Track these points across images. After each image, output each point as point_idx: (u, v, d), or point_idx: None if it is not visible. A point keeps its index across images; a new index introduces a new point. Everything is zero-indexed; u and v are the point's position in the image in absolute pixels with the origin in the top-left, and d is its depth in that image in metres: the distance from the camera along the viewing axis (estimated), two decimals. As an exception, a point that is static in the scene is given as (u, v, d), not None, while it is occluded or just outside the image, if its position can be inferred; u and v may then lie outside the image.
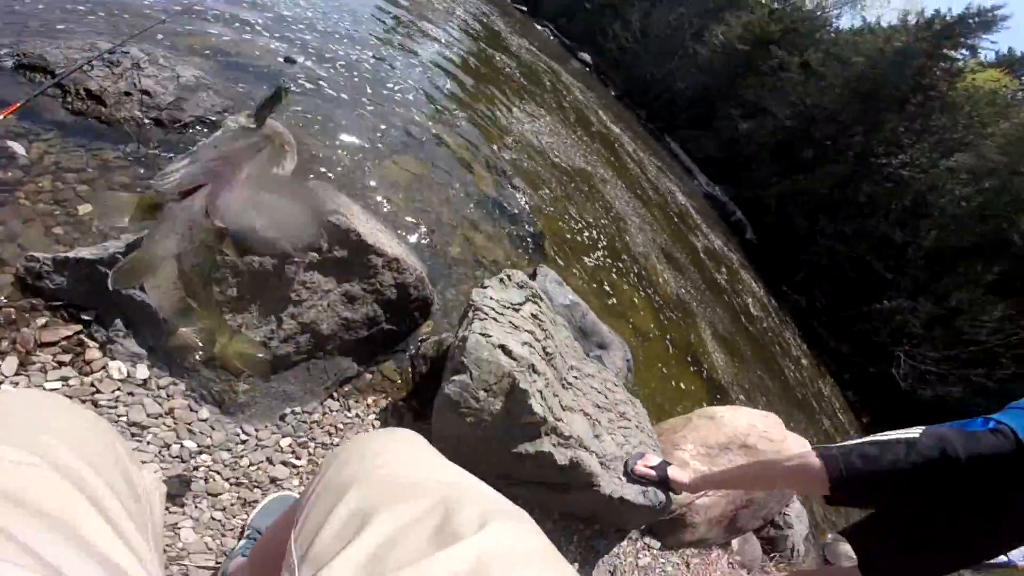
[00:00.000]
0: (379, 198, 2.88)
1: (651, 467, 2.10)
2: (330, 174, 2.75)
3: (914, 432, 1.38)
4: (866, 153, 17.33)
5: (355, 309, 1.79)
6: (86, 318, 1.44)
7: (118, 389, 1.39)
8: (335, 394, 1.81)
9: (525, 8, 30.08)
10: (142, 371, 1.46)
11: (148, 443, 1.35)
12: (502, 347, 1.63)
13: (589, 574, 2.16)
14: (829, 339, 16.29)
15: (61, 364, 1.34)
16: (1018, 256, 15.71)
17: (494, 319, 1.71)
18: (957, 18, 18.76)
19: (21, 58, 2.15)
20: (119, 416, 1.35)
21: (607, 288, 4.57)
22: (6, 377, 1.25)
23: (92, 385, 1.36)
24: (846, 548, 5.24)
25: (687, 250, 8.74)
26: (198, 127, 2.40)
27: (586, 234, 5.07)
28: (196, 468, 1.39)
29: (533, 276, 2.91)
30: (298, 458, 1.58)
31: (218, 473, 1.42)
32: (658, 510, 2.16)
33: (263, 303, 1.60)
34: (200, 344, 1.04)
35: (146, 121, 2.24)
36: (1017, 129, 16.75)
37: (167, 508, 1.29)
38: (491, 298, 1.81)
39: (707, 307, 7.07)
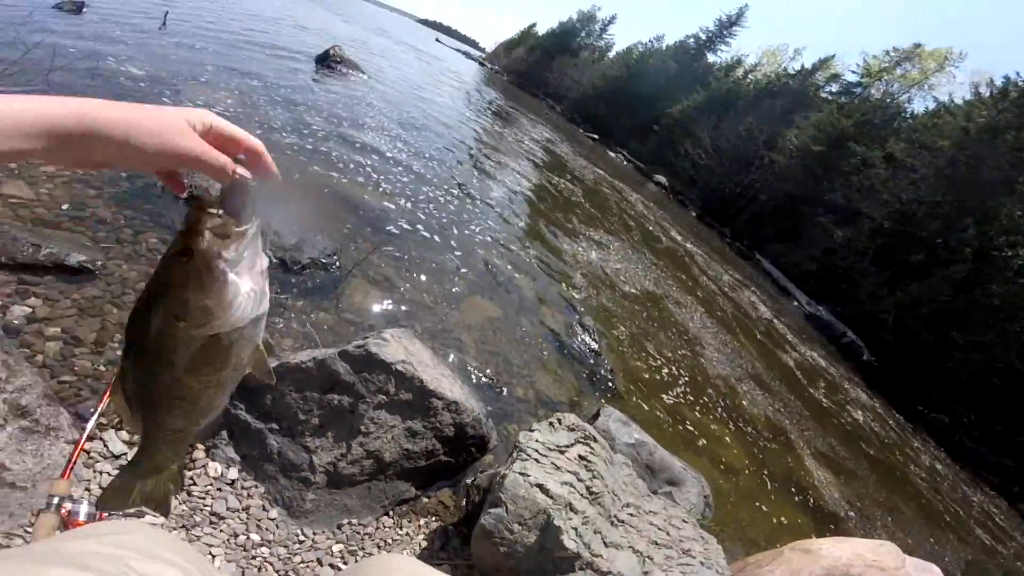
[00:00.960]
0: (453, 341, 3.24)
1: None
2: (413, 319, 3.21)
3: None
4: (985, 248, 15.49)
5: (415, 442, 2.08)
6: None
7: (211, 484, 1.73)
8: (391, 512, 2.04)
9: (596, 136, 32.48)
10: (233, 472, 1.81)
11: (221, 531, 1.63)
12: (539, 486, 1.77)
13: None
14: (987, 453, 13.67)
15: None
16: None
17: (536, 460, 1.87)
18: (1029, 80, 17.51)
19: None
20: (205, 505, 1.67)
21: (688, 423, 4.40)
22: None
23: (191, 479, 1.70)
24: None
25: (777, 369, 8.16)
26: (312, 269, 3.00)
27: (664, 370, 5.01)
28: (254, 558, 1.63)
29: (596, 416, 3.00)
30: (344, 563, 1.78)
31: (271, 565, 1.64)
32: None
33: (337, 432, 1.95)
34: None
35: (273, 260, 2.87)
36: None
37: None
38: (536, 440, 1.98)
39: (811, 433, 6.37)
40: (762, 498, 4.15)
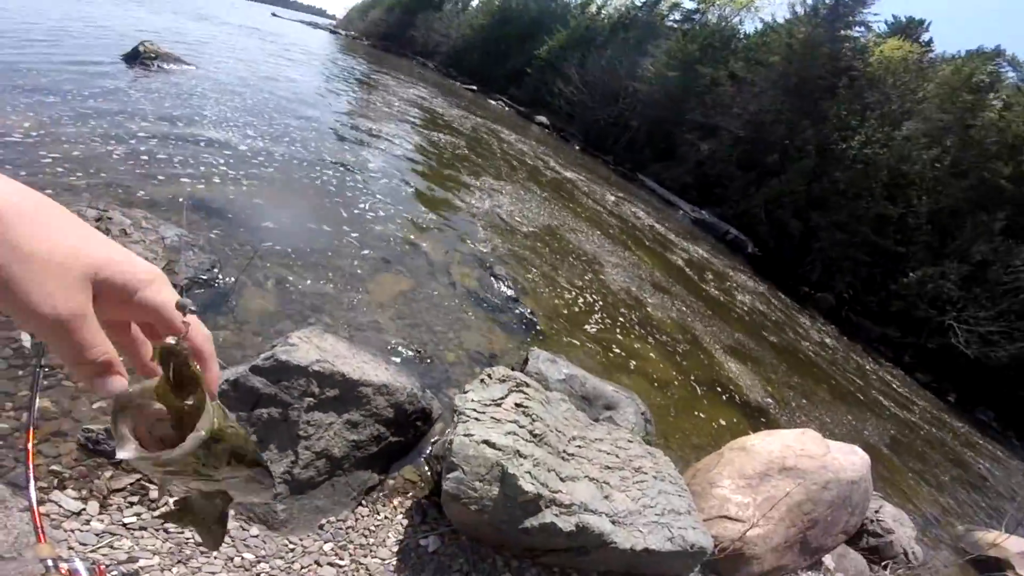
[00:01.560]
0: (369, 324, 3.12)
1: None
2: (320, 312, 3.01)
3: None
4: (824, 144, 18.09)
5: (359, 432, 2.05)
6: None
7: (179, 519, 1.63)
8: (363, 501, 2.06)
9: (475, 87, 32.25)
10: (195, 502, 1.70)
11: (215, 558, 1.60)
12: (486, 442, 1.82)
13: None
14: (872, 328, 16.17)
15: (132, 503, 1.65)
16: (1016, 200, 15.94)
17: (475, 419, 1.91)
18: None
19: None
20: (187, 539, 1.62)
21: (612, 346, 4.65)
22: (92, 516, 1.57)
23: (160, 517, 1.56)
24: (985, 535, 4.96)
25: (675, 274, 8.87)
26: (195, 288, 2.71)
27: (579, 300, 5.23)
28: (259, 574, 1.64)
29: (526, 361, 3.08)
30: (341, 559, 1.81)
31: (277, 578, 1.64)
32: (694, 552, 2.18)
33: (279, 442, 1.90)
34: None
35: None
36: (943, 88, 17.74)
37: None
38: (472, 400, 2.02)
39: (717, 329, 7.03)
40: (693, 403, 4.55)
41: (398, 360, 2.89)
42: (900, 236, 16.85)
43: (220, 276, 2.86)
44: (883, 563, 3.66)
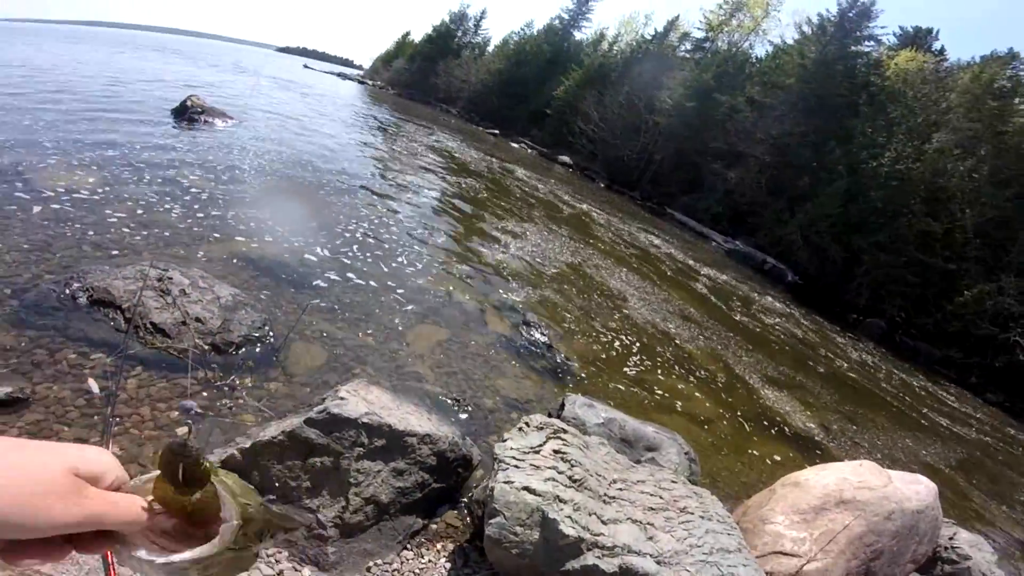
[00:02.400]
0: (410, 374, 3.24)
1: None
2: (363, 364, 3.17)
3: None
4: (854, 163, 17.80)
5: (404, 479, 2.15)
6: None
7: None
8: (408, 545, 2.13)
9: (497, 131, 32.83)
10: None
11: None
12: (526, 488, 1.88)
13: None
14: (931, 351, 15.43)
15: None
16: None
17: (515, 466, 1.97)
18: (838, 16, 20.42)
19: (91, 293, 2.72)
20: None
21: (651, 386, 4.60)
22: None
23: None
24: None
25: (712, 308, 8.74)
26: (247, 345, 2.89)
27: (615, 342, 5.23)
28: None
29: (562, 407, 3.11)
30: None
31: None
32: None
33: (331, 488, 2.03)
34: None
35: (205, 347, 2.76)
36: (966, 96, 17.38)
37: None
38: (511, 448, 2.09)
39: (760, 361, 6.85)
40: (741, 440, 4.41)
41: (439, 409, 2.99)
42: (949, 253, 16.21)
43: (271, 333, 3.06)
44: None
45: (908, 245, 16.32)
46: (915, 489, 3.02)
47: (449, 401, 3.12)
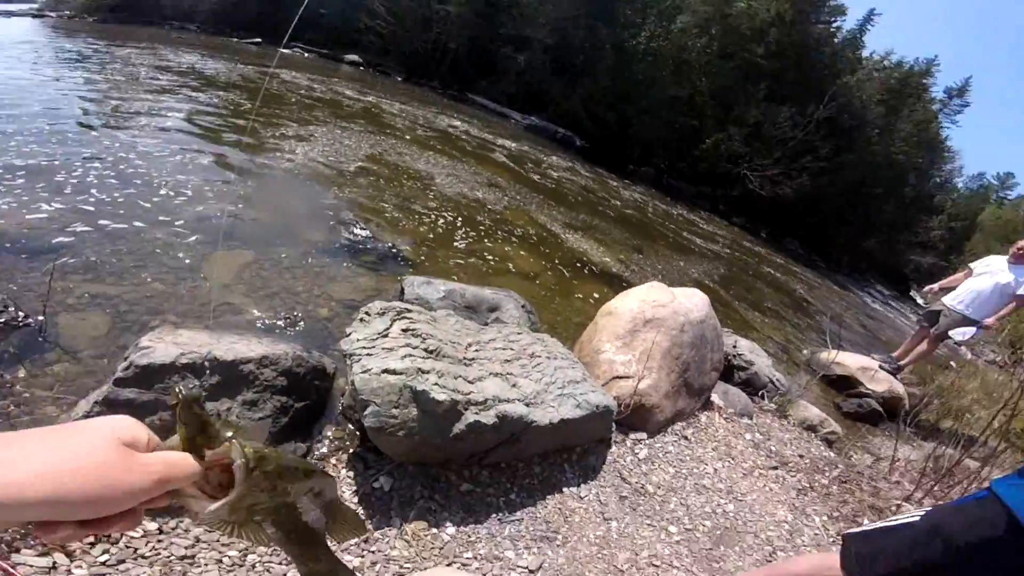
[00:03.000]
0: (220, 310, 2.84)
1: None
2: (158, 314, 2.66)
3: (915, 515, 1.28)
4: (619, 41, 19.94)
5: (261, 409, 1.97)
6: None
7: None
8: None
9: (259, 40, 27.84)
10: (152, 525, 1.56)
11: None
12: (386, 371, 1.88)
13: (601, 486, 2.49)
14: (689, 187, 19.92)
15: (92, 544, 1.55)
16: (770, 73, 19.83)
17: (368, 354, 1.94)
18: None
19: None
20: (171, 556, 1.48)
21: (480, 255, 4.85)
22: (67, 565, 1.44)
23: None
24: (826, 354, 5.72)
25: (519, 175, 9.38)
26: None
27: (439, 221, 5.29)
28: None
29: (402, 292, 3.09)
30: None
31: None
32: (602, 412, 2.51)
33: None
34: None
35: None
36: None
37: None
38: (358, 339, 2.04)
39: (565, 216, 7.68)
40: (565, 285, 5.01)
41: (268, 333, 2.73)
42: (693, 113, 20.29)
43: (20, 313, 2.35)
44: (758, 393, 4.04)
45: (664, 108, 19.64)
46: (694, 302, 3.48)
47: (280, 322, 2.86)
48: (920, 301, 19.87)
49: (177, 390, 0.48)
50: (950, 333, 5.40)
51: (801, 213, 20.40)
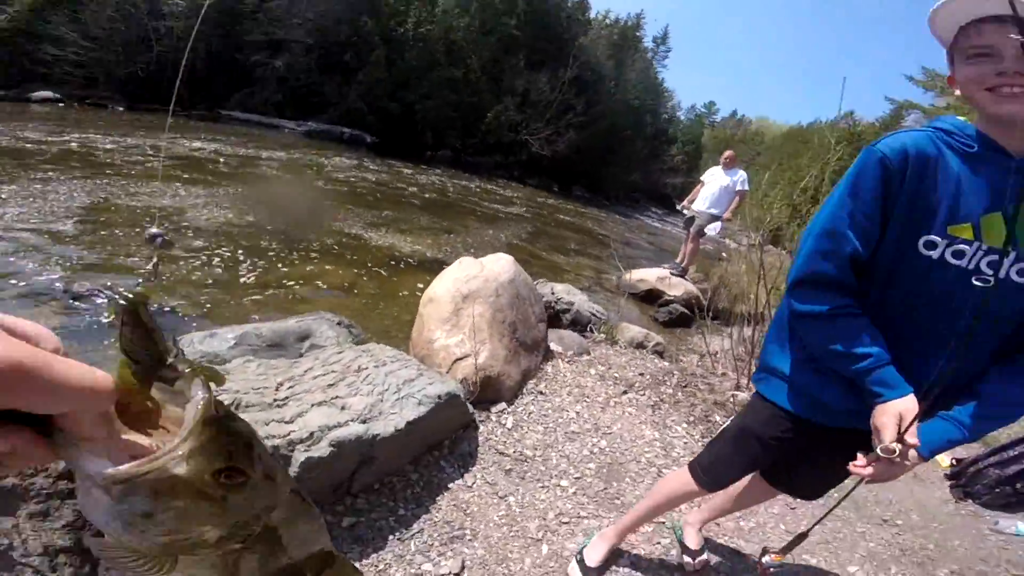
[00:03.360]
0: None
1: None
2: None
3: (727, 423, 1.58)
4: (386, 31, 19.58)
5: None
6: None
7: None
8: None
9: None
10: None
11: None
12: None
13: (483, 468, 2.44)
14: (485, 161, 20.94)
15: None
16: (524, 44, 21.43)
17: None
18: None
19: None
20: None
21: (283, 280, 4.33)
22: None
23: None
24: (630, 276, 6.31)
25: (302, 185, 8.87)
26: None
27: (214, 260, 4.46)
28: None
29: (179, 351, 2.55)
30: None
31: None
32: (448, 400, 2.43)
33: None
34: None
35: None
36: None
37: None
38: None
39: (367, 218, 7.34)
40: (385, 288, 4.77)
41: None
42: (470, 90, 20.98)
43: None
44: (587, 328, 4.22)
45: (444, 90, 19.95)
46: (500, 265, 3.56)
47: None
48: (685, 213, 24.40)
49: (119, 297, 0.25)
50: (705, 230, 6.81)
51: (576, 163, 23.27)
